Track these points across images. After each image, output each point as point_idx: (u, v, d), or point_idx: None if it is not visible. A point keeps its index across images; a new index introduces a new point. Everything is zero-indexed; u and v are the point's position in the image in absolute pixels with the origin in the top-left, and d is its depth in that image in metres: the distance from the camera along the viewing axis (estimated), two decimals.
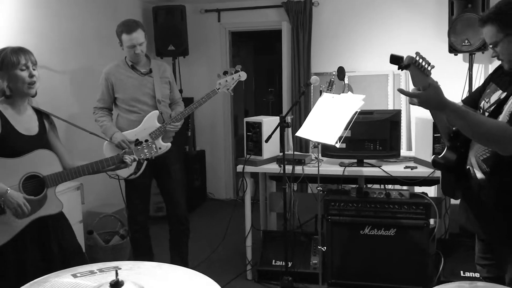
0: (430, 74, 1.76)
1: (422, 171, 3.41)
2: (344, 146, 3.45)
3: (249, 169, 3.75)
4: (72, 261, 2.32)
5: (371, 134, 3.53)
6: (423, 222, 3.36)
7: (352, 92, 4.82)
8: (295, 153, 3.87)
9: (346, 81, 5.03)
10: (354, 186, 3.68)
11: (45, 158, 2.30)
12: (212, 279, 1.41)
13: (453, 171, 2.13)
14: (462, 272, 3.41)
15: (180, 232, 3.62)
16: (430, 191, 4.16)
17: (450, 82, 4.98)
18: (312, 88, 5.32)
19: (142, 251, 3.58)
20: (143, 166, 3.31)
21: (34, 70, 2.29)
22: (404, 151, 4.38)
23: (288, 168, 3.45)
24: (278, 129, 3.32)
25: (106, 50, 4.68)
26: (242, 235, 3.94)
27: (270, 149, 3.77)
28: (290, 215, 3.78)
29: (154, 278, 1.34)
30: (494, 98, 2.01)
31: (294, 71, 5.46)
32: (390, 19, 5.21)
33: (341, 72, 4.52)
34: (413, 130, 4.84)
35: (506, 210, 1.99)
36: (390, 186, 3.99)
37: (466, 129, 1.90)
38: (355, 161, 3.60)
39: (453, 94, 4.82)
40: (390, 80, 5.09)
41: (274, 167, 3.73)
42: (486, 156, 2.00)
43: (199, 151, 6.05)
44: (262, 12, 5.69)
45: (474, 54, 4.60)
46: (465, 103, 2.21)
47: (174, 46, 5.34)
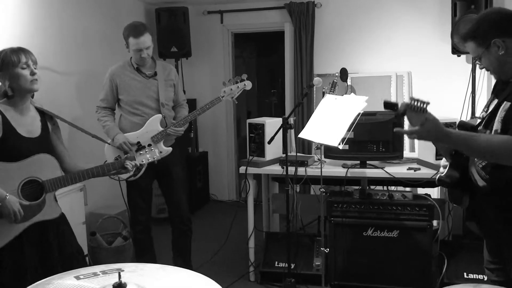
0: (426, 110, 1.76)
1: (425, 173, 3.40)
2: (347, 147, 3.45)
3: (251, 170, 3.74)
4: (70, 264, 2.32)
5: (374, 136, 3.52)
6: (426, 224, 3.35)
7: (355, 93, 4.83)
8: (298, 154, 3.87)
9: (349, 82, 5.04)
10: (357, 187, 3.67)
11: (45, 162, 2.28)
12: (215, 281, 1.40)
13: (459, 186, 2.14)
14: (465, 274, 3.40)
15: (182, 233, 3.62)
16: (433, 193, 4.15)
17: (453, 83, 4.99)
18: (314, 89, 5.32)
19: (144, 252, 3.59)
20: (143, 169, 3.30)
21: (35, 68, 2.28)
22: (407, 153, 4.38)
23: (290, 169, 3.45)
24: (281, 130, 3.32)
25: (109, 52, 4.69)
26: (244, 237, 3.93)
27: (273, 150, 3.76)
28: (292, 217, 3.77)
29: (157, 280, 1.34)
30: (491, 106, 2.05)
31: (296, 73, 5.45)
32: (393, 21, 5.21)
33: (344, 73, 4.53)
34: None
35: (506, 222, 2.01)
36: (393, 188, 3.99)
37: (473, 152, 1.93)
38: (358, 162, 3.59)
39: (456, 96, 4.84)
40: (393, 81, 5.09)
41: (277, 169, 3.72)
42: (484, 163, 2.03)
43: (202, 153, 6.05)
44: (265, 13, 5.69)
45: None
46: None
47: (176, 47, 5.35)
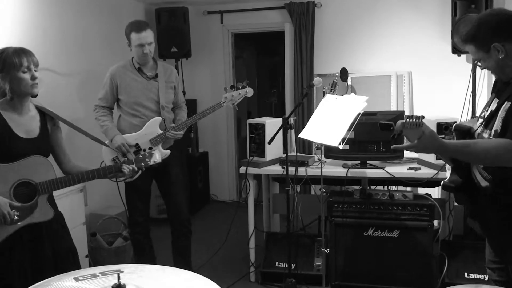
0: (422, 124, 1.79)
1: (426, 172, 3.39)
2: (347, 147, 3.44)
3: (252, 170, 3.74)
4: (66, 264, 2.30)
5: (375, 136, 3.51)
6: (427, 224, 3.35)
7: (355, 93, 4.82)
8: (298, 154, 3.86)
9: (349, 82, 5.03)
10: (357, 187, 3.67)
11: (39, 165, 2.25)
12: (215, 283, 1.40)
13: (463, 188, 2.15)
14: (466, 273, 3.40)
15: (182, 235, 3.61)
16: (434, 193, 4.14)
17: (453, 82, 4.98)
18: (315, 89, 5.31)
19: (143, 253, 3.58)
20: (140, 171, 3.28)
21: (36, 71, 2.26)
22: (407, 153, 4.37)
23: (291, 169, 3.44)
24: (281, 130, 3.31)
25: (109, 52, 4.69)
26: (245, 237, 3.93)
27: (273, 150, 3.76)
28: (293, 217, 3.77)
29: (157, 281, 1.33)
30: (493, 107, 2.05)
31: (297, 73, 5.45)
32: (393, 20, 5.20)
33: (344, 73, 4.52)
34: None
35: (508, 221, 2.01)
36: (393, 188, 3.98)
37: (472, 160, 1.96)
38: (358, 162, 3.59)
39: (456, 95, 4.84)
40: (393, 81, 5.08)
41: (277, 169, 3.72)
42: None
43: (202, 153, 6.05)
44: (265, 13, 5.69)
45: None
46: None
47: (177, 48, 5.34)
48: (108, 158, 3.32)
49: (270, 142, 3.37)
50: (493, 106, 2.03)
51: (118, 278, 1.22)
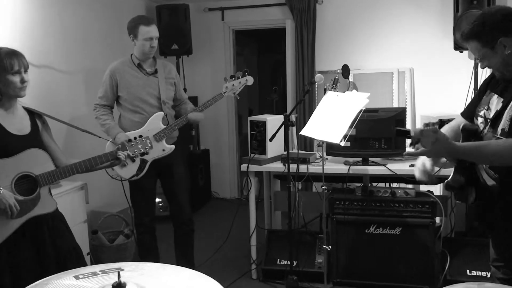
0: (437, 130, 1.79)
1: None
2: (348, 144, 3.43)
3: (253, 168, 3.73)
4: (68, 262, 2.31)
5: (376, 133, 3.51)
6: (429, 221, 3.34)
7: (356, 90, 4.81)
8: (300, 151, 3.85)
9: (351, 79, 5.01)
10: (359, 184, 3.66)
11: (37, 157, 2.27)
12: (216, 281, 1.39)
13: (466, 187, 2.14)
14: (468, 271, 3.39)
15: (184, 233, 3.60)
16: (436, 190, 4.13)
17: (455, 79, 4.96)
18: (316, 86, 5.31)
19: (148, 252, 3.57)
20: (146, 167, 3.28)
21: (25, 75, 2.27)
22: (407, 149, 4.36)
23: (292, 167, 3.43)
24: (283, 128, 3.30)
25: (110, 49, 4.68)
26: (246, 234, 3.93)
27: (275, 148, 3.75)
28: (294, 214, 3.76)
29: (158, 279, 1.32)
30: (494, 105, 2.03)
31: (298, 70, 5.43)
32: (395, 17, 5.18)
33: (345, 70, 4.51)
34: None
35: None
36: (395, 185, 3.97)
37: (482, 161, 1.95)
38: (360, 159, 3.58)
39: (458, 92, 4.82)
40: (395, 78, 5.06)
41: (278, 166, 3.71)
42: None
43: (204, 150, 6.04)
44: (266, 10, 5.67)
45: None
46: (464, 116, 2.25)
47: (177, 45, 5.32)
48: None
49: (271, 139, 3.36)
50: (497, 106, 2.00)
51: (119, 276, 1.21)
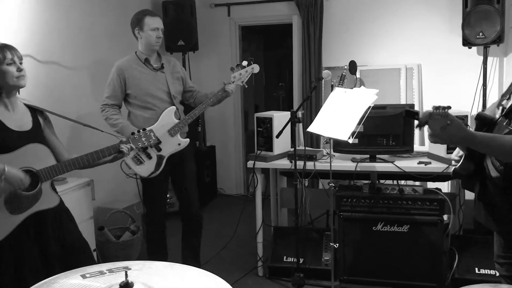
0: (447, 115, 1.74)
1: (436, 167, 3.35)
2: (356, 141, 3.40)
3: (259, 164, 3.71)
4: (74, 259, 2.30)
5: (384, 129, 3.47)
6: (437, 219, 3.31)
7: (364, 86, 4.77)
8: (307, 148, 3.83)
9: (358, 75, 4.98)
10: (366, 182, 3.63)
11: (37, 152, 2.25)
12: (222, 278, 1.37)
13: (474, 177, 2.10)
14: (477, 269, 3.35)
15: (193, 229, 3.59)
16: (443, 187, 4.10)
17: (463, 76, 4.91)
18: (323, 82, 5.27)
19: (157, 250, 3.55)
20: (163, 163, 3.26)
21: (21, 64, 2.26)
22: (416, 146, 4.32)
23: (299, 163, 3.41)
24: (289, 124, 3.28)
25: (116, 45, 4.67)
26: (252, 231, 3.91)
27: (281, 144, 3.72)
28: (301, 211, 3.74)
29: (165, 278, 1.31)
30: None
31: (305, 66, 5.40)
32: (403, 12, 5.13)
33: (352, 66, 4.48)
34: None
35: None
36: (402, 182, 3.94)
37: (496, 155, 1.89)
38: (367, 156, 3.55)
39: (466, 88, 4.77)
40: (403, 74, 5.02)
41: (285, 163, 3.68)
42: None
43: (210, 147, 6.03)
44: (273, 6, 5.64)
45: (489, 47, 4.51)
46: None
47: (183, 41, 5.30)
48: (128, 156, 3.18)
49: (278, 136, 3.34)
50: None
51: (126, 275, 1.19)
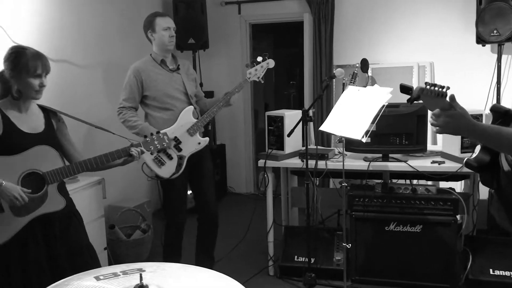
0: (446, 95, 1.62)
1: (450, 166, 3.31)
2: (368, 140, 3.36)
3: (270, 163, 3.69)
4: (80, 262, 2.28)
5: (397, 128, 3.44)
6: (451, 219, 3.27)
7: (377, 84, 4.72)
8: (318, 147, 3.80)
9: (370, 73, 4.93)
10: (378, 181, 3.59)
11: (45, 154, 2.22)
12: (234, 278, 1.36)
13: (488, 170, 2.05)
14: (491, 270, 3.31)
15: (209, 229, 3.58)
16: (456, 187, 4.05)
17: (477, 74, 4.85)
18: (334, 81, 5.23)
19: (172, 252, 3.53)
20: (184, 163, 3.24)
21: (45, 79, 2.25)
22: (430, 145, 4.27)
23: (310, 162, 3.38)
24: (301, 123, 3.25)
25: (127, 44, 4.67)
26: (263, 230, 3.89)
27: (292, 143, 3.70)
28: (312, 211, 3.71)
29: (179, 281, 1.29)
30: None
31: (316, 64, 5.36)
32: (415, 9, 5.07)
33: (364, 64, 4.43)
34: None
35: None
36: (414, 181, 3.89)
37: (500, 147, 1.79)
38: (379, 155, 3.51)
39: (480, 87, 4.71)
40: (415, 72, 4.97)
41: (296, 162, 3.66)
42: None
43: (220, 145, 6.02)
44: (283, 3, 5.61)
45: (503, 44, 4.45)
46: None
47: (194, 39, 5.29)
48: (148, 159, 3.18)
49: (289, 135, 3.32)
50: None
51: (141, 278, 1.18)
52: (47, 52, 3.03)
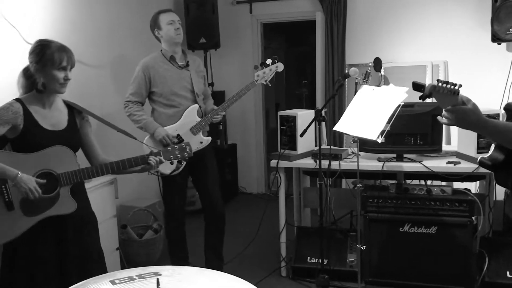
0: (458, 92, 1.65)
1: (466, 167, 3.25)
2: (383, 140, 3.32)
3: (283, 164, 3.65)
4: (89, 268, 2.26)
5: (412, 128, 3.39)
6: (467, 220, 3.22)
7: (388, 83, 4.67)
8: (332, 147, 3.76)
9: (383, 72, 4.88)
10: (392, 181, 3.55)
11: (62, 155, 2.19)
12: (246, 280, 1.34)
13: (503, 169, 2.01)
14: (508, 272, 3.25)
15: (216, 228, 3.56)
16: (471, 188, 3.98)
17: (492, 73, 4.78)
18: (346, 80, 5.17)
19: (177, 248, 3.55)
20: (184, 162, 3.25)
21: (70, 72, 2.23)
22: (444, 145, 4.21)
23: (324, 163, 3.35)
24: (313, 123, 3.22)
25: (138, 43, 4.66)
26: (274, 231, 3.86)
27: (305, 143, 3.66)
28: (325, 211, 3.68)
29: (196, 285, 1.27)
30: None
31: (328, 63, 5.32)
32: (429, 7, 5.01)
33: (377, 63, 4.38)
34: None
35: None
36: (428, 182, 3.84)
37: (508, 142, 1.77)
38: (393, 155, 3.46)
39: (495, 86, 4.64)
40: (429, 71, 4.91)
41: (309, 162, 3.62)
42: None
43: (231, 145, 5.99)
44: (295, 2, 5.57)
45: None
46: None
47: (205, 38, 5.27)
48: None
49: (302, 135, 3.28)
50: None
51: (158, 284, 1.16)
52: None
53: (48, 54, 2.16)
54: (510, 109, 1.97)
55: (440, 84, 1.63)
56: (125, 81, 3.56)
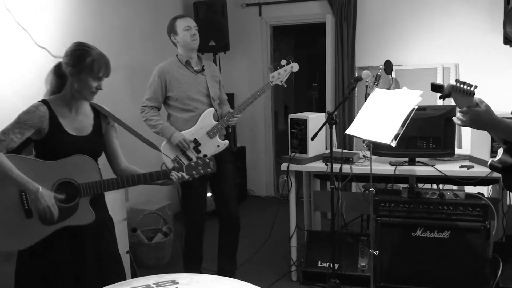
0: (474, 94, 1.72)
1: (480, 171, 3.22)
2: (396, 144, 3.30)
3: (293, 167, 3.63)
4: (107, 271, 2.23)
5: (424, 131, 3.35)
6: (481, 225, 3.18)
7: (399, 86, 4.64)
8: (343, 151, 3.73)
9: (393, 75, 4.85)
10: (404, 185, 3.51)
11: (84, 165, 2.14)
12: (256, 284, 1.32)
13: (510, 173, 2.00)
14: None
15: (231, 232, 3.53)
16: (484, 192, 3.94)
17: (504, 76, 4.73)
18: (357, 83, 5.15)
19: (193, 254, 3.50)
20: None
21: (102, 83, 2.19)
22: (457, 149, 4.17)
23: (335, 166, 3.32)
24: (324, 126, 3.19)
25: (150, 47, 4.67)
26: (284, 234, 3.84)
27: (315, 147, 3.64)
28: (337, 215, 3.65)
29: None
30: None
31: (338, 65, 5.29)
32: (439, 9, 4.97)
33: (388, 66, 4.37)
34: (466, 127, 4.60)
35: None
36: (440, 186, 3.80)
37: None
38: (405, 159, 3.43)
39: (508, 89, 4.59)
40: (440, 73, 4.87)
41: (320, 166, 3.60)
42: None
43: (240, 148, 5.98)
44: (305, 5, 5.55)
45: None
46: None
47: (215, 41, 5.26)
48: (167, 160, 3.21)
49: (313, 138, 3.26)
50: None
51: None
52: None
53: (88, 61, 2.10)
54: None
55: (458, 84, 1.70)
56: (137, 85, 3.57)
